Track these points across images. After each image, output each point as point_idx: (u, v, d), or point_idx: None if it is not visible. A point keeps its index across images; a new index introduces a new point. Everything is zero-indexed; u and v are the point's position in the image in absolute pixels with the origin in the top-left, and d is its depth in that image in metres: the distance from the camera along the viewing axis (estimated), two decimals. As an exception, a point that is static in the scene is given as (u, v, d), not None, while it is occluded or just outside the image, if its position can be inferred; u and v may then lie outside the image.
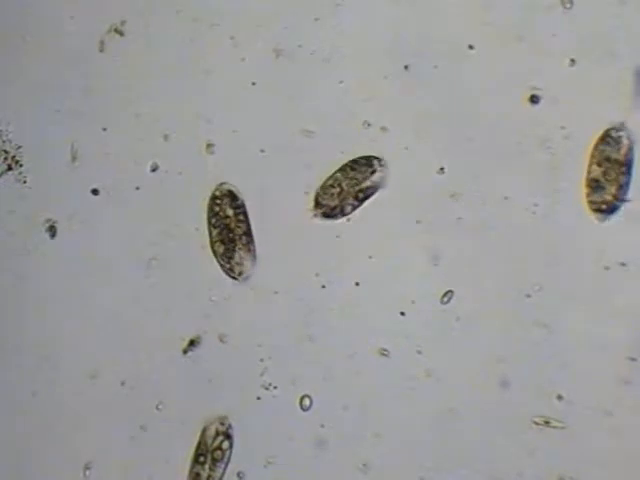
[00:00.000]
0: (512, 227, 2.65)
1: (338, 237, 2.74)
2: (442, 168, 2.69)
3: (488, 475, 2.63)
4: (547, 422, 2.60)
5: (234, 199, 2.80)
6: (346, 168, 2.73)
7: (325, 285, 2.74)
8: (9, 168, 2.93)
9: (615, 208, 2.60)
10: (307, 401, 2.72)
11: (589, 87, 2.62)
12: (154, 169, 2.85)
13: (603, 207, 2.61)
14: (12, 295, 2.93)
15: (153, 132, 2.85)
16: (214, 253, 2.80)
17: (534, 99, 2.64)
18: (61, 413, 2.87)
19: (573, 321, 2.60)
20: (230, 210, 2.79)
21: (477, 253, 2.67)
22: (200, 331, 2.81)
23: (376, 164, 2.71)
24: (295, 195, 2.76)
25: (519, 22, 2.66)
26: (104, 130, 2.89)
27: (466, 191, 2.68)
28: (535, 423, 2.61)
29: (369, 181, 2.72)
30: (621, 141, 2.60)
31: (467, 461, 2.64)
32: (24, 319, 2.91)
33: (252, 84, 2.80)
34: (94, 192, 2.89)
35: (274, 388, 2.75)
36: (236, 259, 2.79)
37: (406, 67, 2.72)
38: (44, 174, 2.92)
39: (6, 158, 2.93)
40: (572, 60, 2.62)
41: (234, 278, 2.78)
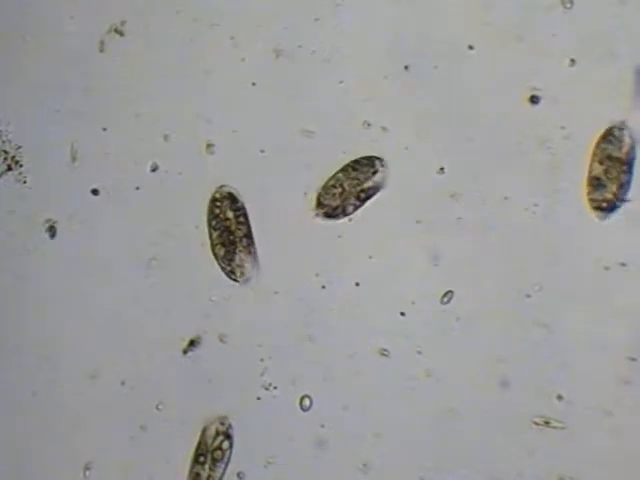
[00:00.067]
0: (512, 227, 2.65)
1: (338, 237, 2.74)
2: (442, 168, 2.69)
3: (488, 475, 2.63)
4: (547, 422, 2.60)
5: (234, 201, 2.79)
6: (348, 168, 2.73)
7: (325, 285, 2.73)
8: (9, 168, 2.93)
9: (615, 206, 2.60)
10: (307, 401, 2.72)
11: (589, 87, 2.62)
12: (154, 169, 2.85)
13: (604, 205, 2.61)
14: (12, 295, 2.93)
15: (153, 132, 2.85)
16: (215, 256, 2.80)
17: (534, 99, 2.64)
18: (61, 413, 2.87)
19: (573, 321, 2.60)
20: (230, 212, 2.79)
21: (477, 253, 2.67)
22: (200, 331, 2.81)
23: (378, 164, 2.71)
24: (295, 195, 2.76)
25: (519, 22, 2.66)
26: (104, 130, 2.89)
27: (466, 191, 2.68)
28: (535, 423, 2.61)
29: (371, 181, 2.71)
30: (623, 139, 2.60)
31: (467, 461, 2.64)
32: (24, 319, 2.91)
33: (252, 84, 2.80)
34: (94, 192, 2.89)
35: (274, 388, 2.75)
36: (237, 261, 2.78)
37: (406, 67, 2.72)
38: (44, 174, 2.92)
39: (6, 158, 2.93)
40: (572, 60, 2.62)
41: (235, 280, 2.78)
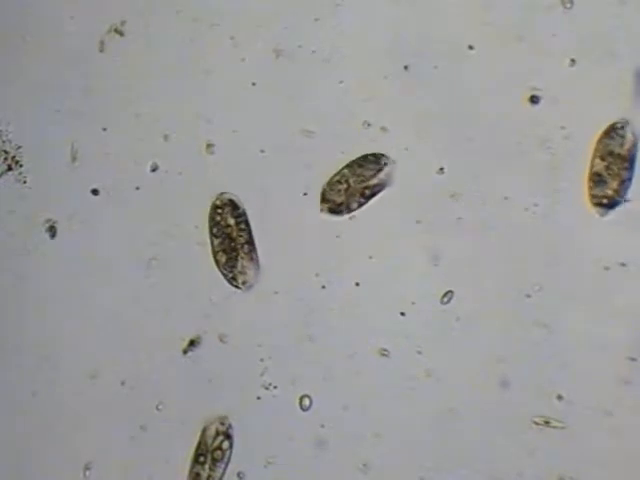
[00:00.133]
0: (512, 227, 2.65)
1: (338, 237, 2.74)
2: (442, 168, 2.69)
3: (488, 475, 2.63)
4: (547, 422, 2.60)
5: (235, 208, 2.79)
6: (354, 165, 2.73)
7: (325, 285, 2.73)
8: (9, 168, 2.93)
9: (616, 203, 2.60)
10: (307, 401, 2.72)
11: (589, 87, 2.62)
12: (154, 169, 2.85)
13: (604, 201, 2.60)
14: (12, 295, 2.93)
15: (153, 132, 2.85)
16: (217, 263, 2.79)
17: (534, 99, 2.64)
18: (61, 413, 2.87)
19: (573, 321, 2.60)
20: (232, 219, 2.79)
21: (477, 253, 2.67)
22: (200, 331, 2.81)
23: (384, 162, 2.71)
24: (295, 195, 2.76)
25: (519, 22, 2.66)
26: (104, 130, 2.89)
27: (466, 191, 2.68)
28: (535, 423, 2.61)
29: (376, 179, 2.71)
30: (625, 136, 2.60)
31: (467, 461, 2.64)
32: (24, 319, 2.91)
33: (252, 84, 2.80)
34: (94, 192, 2.89)
35: (274, 388, 2.75)
36: (239, 268, 2.78)
37: (406, 67, 2.72)
38: (44, 174, 2.92)
39: (6, 158, 2.93)
40: (572, 60, 2.62)
41: (237, 287, 2.78)
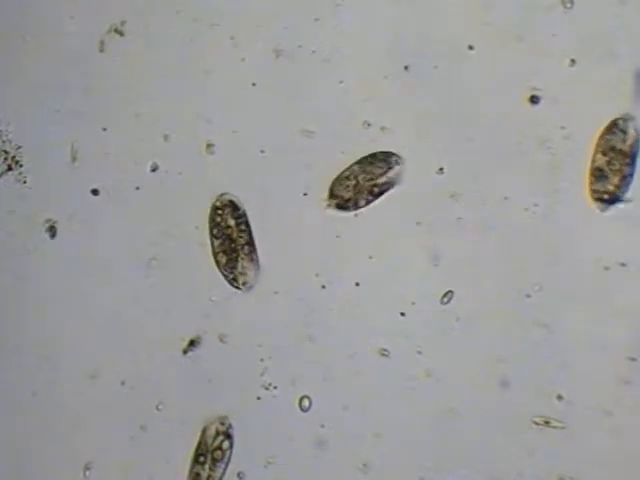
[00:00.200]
0: (512, 227, 2.65)
1: (338, 237, 2.74)
2: (442, 168, 2.68)
3: (488, 475, 2.63)
4: (547, 422, 2.60)
5: (235, 209, 2.79)
6: (364, 162, 2.72)
7: (325, 285, 2.73)
8: (9, 168, 2.93)
9: (617, 199, 2.59)
10: (306, 402, 2.72)
11: (589, 87, 2.62)
12: (154, 169, 2.85)
13: (605, 197, 2.60)
14: (12, 295, 2.93)
15: (153, 132, 2.85)
16: (217, 264, 2.79)
17: (534, 99, 2.64)
18: (61, 413, 2.87)
19: (573, 321, 2.60)
20: (232, 220, 2.78)
21: (477, 253, 2.66)
22: (200, 331, 2.81)
23: (394, 161, 2.70)
24: (295, 195, 2.76)
25: (519, 22, 2.66)
26: (104, 130, 2.89)
27: (466, 191, 2.68)
28: (535, 423, 2.61)
29: (385, 177, 2.70)
30: (628, 132, 2.59)
31: (467, 461, 2.64)
32: (24, 319, 2.91)
33: (252, 84, 2.80)
34: (94, 192, 2.89)
35: (274, 388, 2.75)
36: (239, 269, 2.78)
37: (406, 67, 2.72)
38: (44, 174, 2.92)
39: (6, 158, 2.93)
40: (572, 60, 2.62)
41: (237, 288, 2.78)
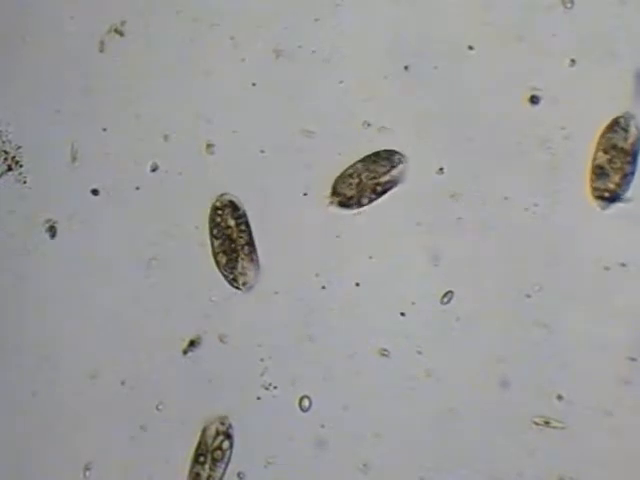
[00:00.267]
0: (512, 227, 2.65)
1: (338, 237, 2.74)
2: (442, 168, 2.69)
3: (488, 475, 2.63)
4: (547, 422, 2.60)
5: (235, 209, 2.79)
6: (367, 160, 2.72)
7: (325, 285, 2.73)
8: (9, 168, 2.93)
9: (617, 197, 2.59)
10: (306, 402, 2.72)
11: (589, 87, 2.62)
12: (154, 169, 2.85)
13: (606, 195, 2.60)
14: (12, 295, 2.93)
15: (153, 132, 2.85)
16: (217, 264, 2.79)
17: (534, 99, 2.64)
18: (61, 413, 2.87)
19: (573, 321, 2.60)
20: (232, 220, 2.78)
21: (477, 253, 2.67)
22: (200, 331, 2.81)
23: (397, 159, 2.70)
24: (295, 195, 2.76)
25: (519, 22, 2.66)
26: (104, 130, 2.89)
27: (466, 191, 2.68)
28: (535, 423, 2.61)
29: (388, 176, 2.70)
30: (629, 130, 2.59)
31: (467, 461, 2.64)
32: (24, 319, 2.91)
33: (252, 84, 2.80)
34: (94, 192, 2.89)
35: (274, 388, 2.75)
36: (239, 269, 2.78)
37: (406, 67, 2.72)
38: (44, 174, 2.92)
39: (6, 158, 2.93)
40: (572, 60, 2.62)
41: (237, 288, 2.78)
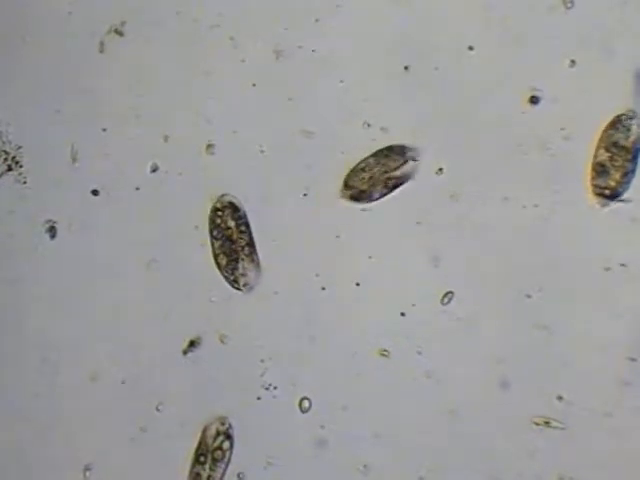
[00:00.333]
0: (512, 227, 2.65)
1: (338, 237, 2.74)
2: (441, 168, 2.68)
3: (488, 475, 2.63)
4: (547, 423, 2.60)
5: (235, 210, 2.79)
6: (379, 154, 2.71)
7: (325, 286, 2.73)
8: (9, 169, 2.93)
9: (617, 194, 2.59)
10: (306, 402, 2.72)
11: (589, 87, 2.62)
12: (154, 170, 2.85)
13: (606, 192, 2.60)
14: (12, 295, 2.93)
15: (153, 133, 2.85)
16: (217, 265, 2.79)
17: (534, 100, 2.64)
18: (61, 414, 2.87)
19: (573, 321, 2.60)
20: (232, 222, 2.78)
21: (477, 253, 2.67)
22: (200, 332, 2.81)
23: (409, 155, 2.70)
24: (295, 196, 2.76)
25: (519, 22, 2.66)
26: (104, 131, 2.89)
27: (466, 191, 2.68)
28: (535, 424, 2.61)
29: (399, 171, 2.69)
30: (631, 128, 2.59)
31: (467, 461, 2.65)
32: (24, 319, 2.91)
33: (252, 85, 2.80)
34: (94, 193, 2.89)
35: (274, 389, 2.75)
36: (240, 270, 2.78)
37: (406, 67, 2.72)
38: (44, 175, 2.92)
39: (6, 159, 2.93)
40: (572, 61, 2.62)
41: (238, 289, 2.78)
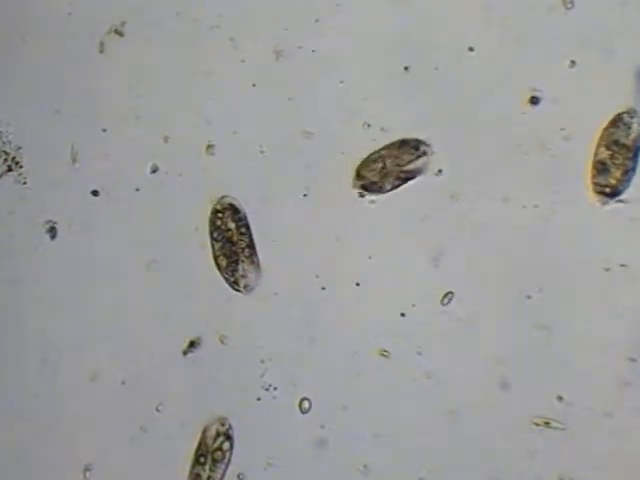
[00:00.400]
0: (512, 227, 2.65)
1: (338, 238, 2.74)
2: (440, 170, 2.68)
3: (488, 475, 2.63)
4: (547, 423, 2.60)
5: (236, 212, 2.79)
6: (392, 147, 2.70)
7: (325, 286, 2.73)
8: (9, 169, 2.93)
9: (617, 193, 2.59)
10: (306, 404, 2.72)
11: (589, 87, 2.62)
12: (154, 170, 2.85)
13: (607, 190, 2.60)
14: (12, 295, 2.93)
15: (153, 133, 2.85)
16: (218, 267, 2.79)
17: (534, 100, 2.64)
18: (61, 414, 2.87)
19: (573, 322, 2.60)
20: (232, 223, 2.78)
21: (477, 253, 2.67)
22: (200, 332, 2.81)
23: (423, 149, 2.69)
24: (295, 196, 2.76)
25: (519, 22, 2.66)
26: (104, 131, 2.89)
27: (466, 191, 2.68)
28: (535, 424, 2.61)
29: (413, 164, 2.69)
30: (632, 127, 2.59)
31: (467, 461, 2.65)
32: (24, 320, 2.91)
33: (252, 85, 2.80)
34: (94, 193, 2.89)
35: (274, 389, 2.75)
36: (240, 272, 2.78)
37: (406, 68, 2.72)
38: (44, 175, 2.92)
39: (6, 159, 2.93)
40: (572, 61, 2.62)
41: (238, 291, 2.78)
